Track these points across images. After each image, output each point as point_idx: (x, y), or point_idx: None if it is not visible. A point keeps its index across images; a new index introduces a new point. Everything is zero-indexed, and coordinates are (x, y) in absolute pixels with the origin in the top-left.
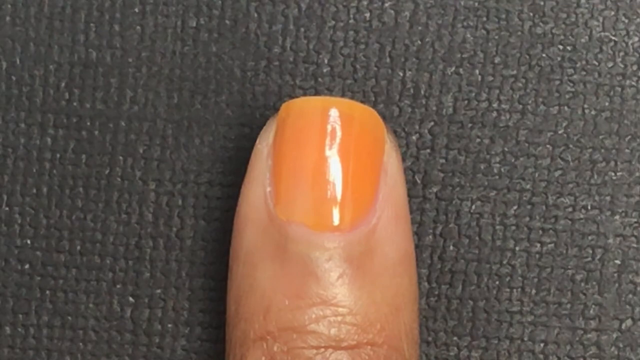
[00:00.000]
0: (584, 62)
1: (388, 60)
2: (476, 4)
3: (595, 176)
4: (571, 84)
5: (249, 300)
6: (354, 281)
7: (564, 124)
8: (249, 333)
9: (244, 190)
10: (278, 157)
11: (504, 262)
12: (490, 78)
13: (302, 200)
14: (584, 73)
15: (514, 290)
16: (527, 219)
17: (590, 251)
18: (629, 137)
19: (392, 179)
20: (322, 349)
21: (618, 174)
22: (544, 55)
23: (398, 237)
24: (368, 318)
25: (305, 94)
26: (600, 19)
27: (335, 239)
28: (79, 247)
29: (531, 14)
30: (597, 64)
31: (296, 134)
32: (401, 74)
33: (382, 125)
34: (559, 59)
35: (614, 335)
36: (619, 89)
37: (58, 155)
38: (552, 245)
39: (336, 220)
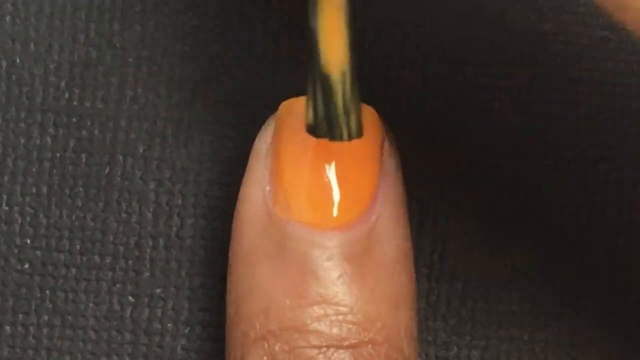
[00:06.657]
0: (584, 62)
1: (387, 59)
2: (475, 3)
3: (596, 176)
4: (571, 84)
5: (249, 300)
6: (354, 280)
7: (565, 124)
8: (249, 333)
9: (243, 189)
10: (276, 157)
11: (504, 261)
12: (491, 78)
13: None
14: (584, 72)
15: (514, 290)
16: (528, 218)
17: (592, 251)
18: (629, 136)
19: (390, 177)
20: (324, 348)
21: (618, 173)
22: (544, 55)
23: (397, 235)
24: (369, 317)
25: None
26: (600, 19)
27: (335, 237)
28: (78, 247)
29: (531, 14)
30: (597, 63)
31: (294, 133)
32: (400, 74)
33: (380, 124)
34: (559, 59)
35: (615, 336)
36: (619, 89)
37: (58, 155)
38: (553, 245)
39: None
